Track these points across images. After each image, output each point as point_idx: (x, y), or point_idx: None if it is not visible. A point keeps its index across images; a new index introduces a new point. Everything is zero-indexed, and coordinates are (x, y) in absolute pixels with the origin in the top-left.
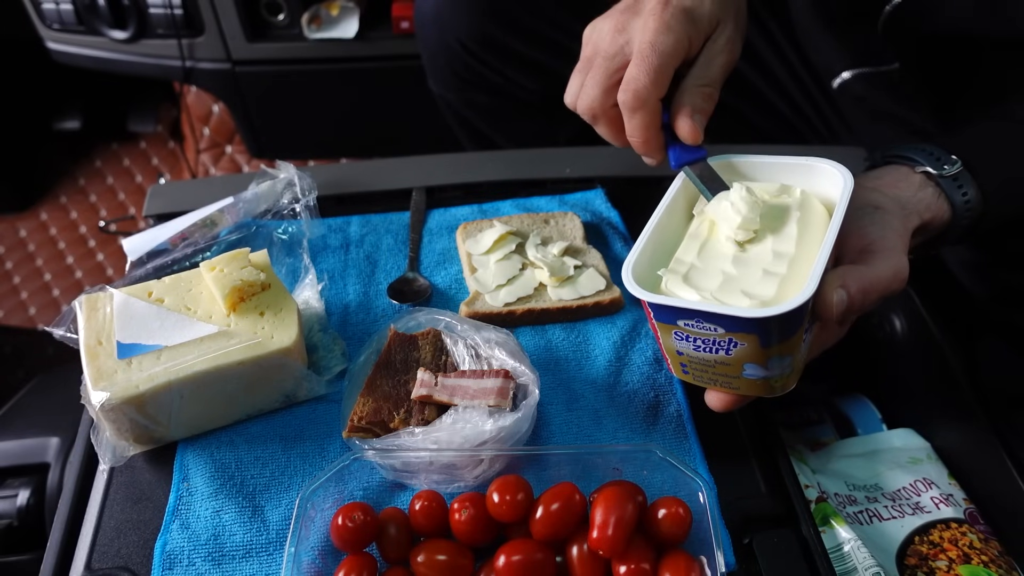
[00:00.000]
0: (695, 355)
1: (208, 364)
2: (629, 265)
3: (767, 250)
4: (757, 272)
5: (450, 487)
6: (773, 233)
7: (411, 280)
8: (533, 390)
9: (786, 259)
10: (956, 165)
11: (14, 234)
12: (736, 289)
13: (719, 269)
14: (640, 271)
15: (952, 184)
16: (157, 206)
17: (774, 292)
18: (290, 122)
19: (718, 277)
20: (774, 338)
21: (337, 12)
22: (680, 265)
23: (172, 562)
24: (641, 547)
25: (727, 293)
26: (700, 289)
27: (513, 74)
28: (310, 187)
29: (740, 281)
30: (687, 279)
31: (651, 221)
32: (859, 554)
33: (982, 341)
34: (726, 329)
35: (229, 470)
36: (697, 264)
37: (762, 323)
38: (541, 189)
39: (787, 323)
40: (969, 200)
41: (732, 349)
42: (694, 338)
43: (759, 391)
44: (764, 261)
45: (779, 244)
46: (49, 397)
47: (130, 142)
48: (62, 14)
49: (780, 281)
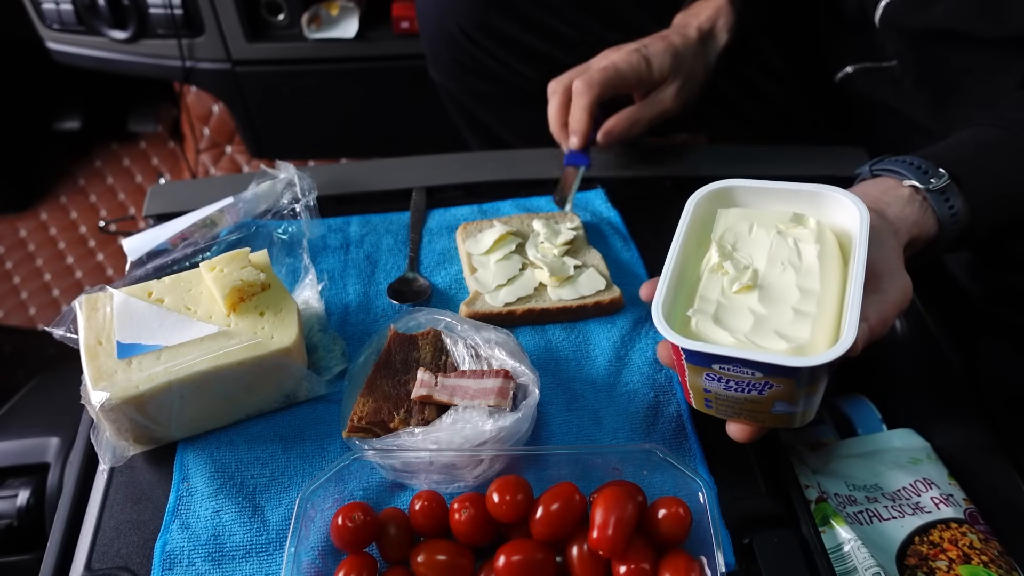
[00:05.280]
0: (724, 394)
1: (208, 364)
2: (658, 307)
3: (791, 285)
4: (787, 311)
5: (450, 487)
6: (794, 267)
7: (411, 280)
8: (533, 390)
9: (814, 297)
10: (943, 179)
11: (14, 234)
12: (769, 330)
13: (747, 308)
14: (667, 310)
15: (939, 197)
16: (157, 206)
17: (808, 335)
18: (290, 122)
19: (748, 317)
20: (808, 380)
21: (337, 12)
22: (707, 304)
23: (172, 562)
24: (641, 547)
25: (761, 335)
26: (732, 331)
27: (514, 62)
28: (310, 187)
29: (771, 321)
30: (717, 320)
31: (671, 256)
32: (859, 554)
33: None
34: (764, 374)
35: (229, 470)
36: (723, 302)
37: (797, 370)
38: (541, 189)
39: (824, 368)
40: (956, 212)
41: (766, 390)
42: (727, 380)
43: (782, 423)
44: (792, 299)
45: (803, 280)
46: (49, 397)
47: (130, 142)
48: (62, 14)
49: (812, 322)
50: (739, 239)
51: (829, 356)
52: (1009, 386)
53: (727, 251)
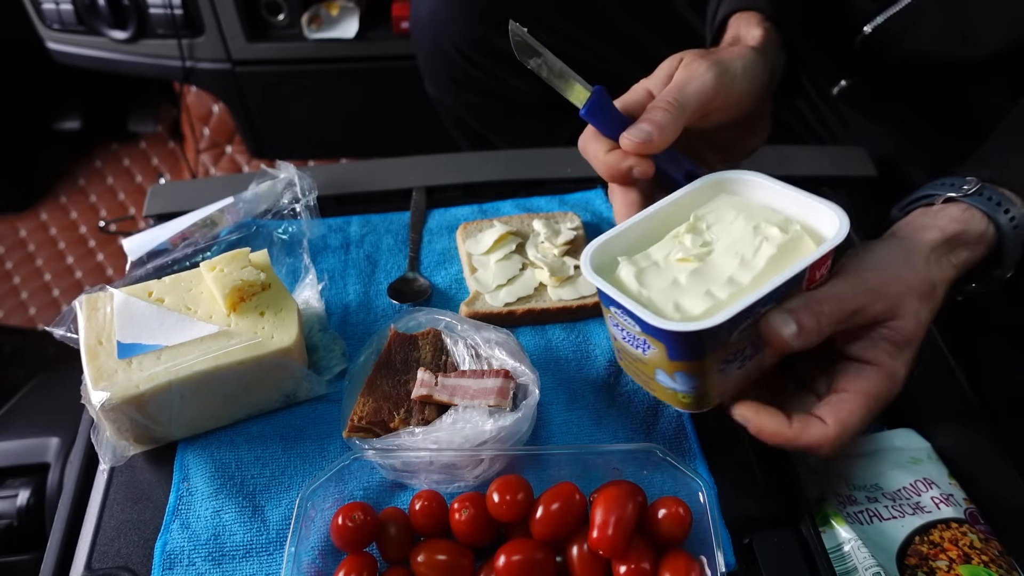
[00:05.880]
0: (623, 344)
1: (208, 364)
2: (595, 245)
3: (726, 273)
4: (702, 289)
5: (450, 487)
6: (743, 260)
7: (411, 280)
8: (533, 390)
9: (734, 287)
10: (974, 184)
11: (14, 234)
12: (671, 299)
13: (674, 276)
14: (613, 252)
15: (981, 199)
16: (157, 206)
17: (700, 311)
18: (290, 122)
19: (667, 283)
20: (677, 354)
21: (337, 12)
22: (644, 260)
23: (172, 562)
24: (641, 547)
25: (662, 298)
26: (644, 287)
27: (509, 77)
28: (310, 187)
29: (682, 292)
30: (640, 275)
31: (647, 209)
32: (859, 554)
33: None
34: (641, 329)
35: (229, 470)
36: (660, 265)
37: (662, 334)
38: (541, 189)
39: (686, 345)
40: (1007, 209)
41: (647, 350)
42: (622, 328)
43: (670, 401)
44: (715, 283)
45: (740, 272)
46: (49, 397)
47: (130, 142)
48: (62, 14)
49: (714, 304)
50: (719, 222)
51: (675, 327)
52: (1009, 386)
53: (698, 228)
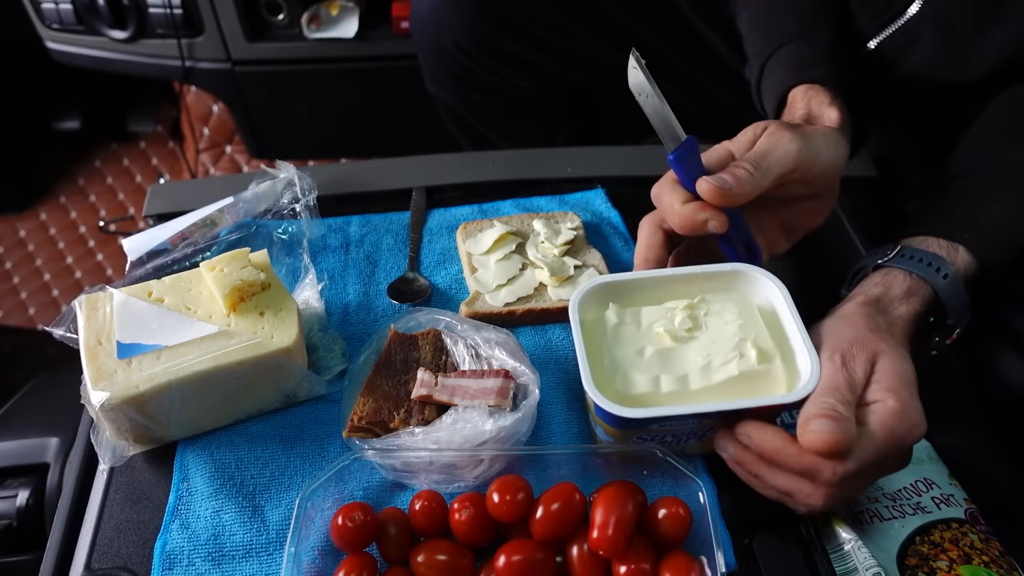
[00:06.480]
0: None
1: (208, 364)
2: (599, 282)
3: (684, 369)
4: (655, 372)
5: (450, 487)
6: (708, 365)
7: (411, 280)
8: (533, 390)
9: (682, 387)
10: (893, 247)
11: (14, 234)
12: (627, 364)
13: (643, 345)
14: (616, 293)
15: (903, 259)
16: (157, 206)
17: (639, 392)
18: (290, 122)
19: (634, 348)
20: (600, 413)
21: (337, 12)
22: (630, 316)
23: (172, 562)
24: (641, 547)
25: (621, 360)
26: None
27: (509, 75)
28: (310, 187)
29: (639, 364)
30: (616, 328)
31: (667, 270)
32: (859, 554)
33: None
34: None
35: (229, 470)
36: (640, 328)
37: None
38: (541, 189)
39: (603, 412)
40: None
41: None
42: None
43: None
44: (672, 372)
45: (696, 376)
46: (49, 397)
47: (130, 142)
48: (62, 14)
49: (652, 392)
50: (717, 315)
51: (596, 397)
52: (1010, 387)
53: (696, 311)
